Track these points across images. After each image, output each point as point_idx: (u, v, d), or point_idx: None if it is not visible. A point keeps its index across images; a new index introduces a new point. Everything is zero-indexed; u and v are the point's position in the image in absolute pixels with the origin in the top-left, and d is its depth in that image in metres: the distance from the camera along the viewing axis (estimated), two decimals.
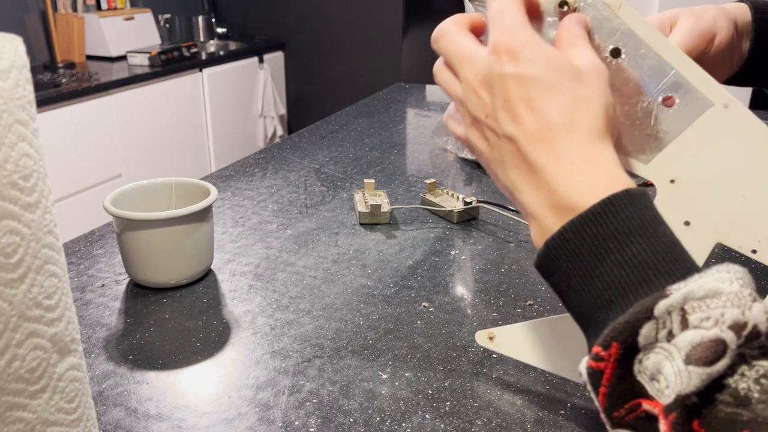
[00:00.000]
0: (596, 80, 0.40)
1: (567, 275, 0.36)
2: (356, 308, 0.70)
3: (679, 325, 0.31)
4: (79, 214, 2.43)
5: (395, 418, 0.53)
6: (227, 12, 3.82)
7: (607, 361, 0.32)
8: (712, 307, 0.30)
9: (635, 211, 0.35)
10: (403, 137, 1.36)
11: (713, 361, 0.29)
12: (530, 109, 0.40)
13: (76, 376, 0.34)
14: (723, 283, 0.31)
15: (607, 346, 0.32)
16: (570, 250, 0.36)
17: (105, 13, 2.98)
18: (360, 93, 3.47)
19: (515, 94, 0.40)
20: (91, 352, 0.63)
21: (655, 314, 0.31)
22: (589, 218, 0.35)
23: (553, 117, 0.39)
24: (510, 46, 0.40)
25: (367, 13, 3.51)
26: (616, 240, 0.34)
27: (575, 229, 0.36)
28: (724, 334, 0.29)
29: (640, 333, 0.31)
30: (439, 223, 0.92)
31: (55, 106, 2.30)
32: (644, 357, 0.31)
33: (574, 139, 0.39)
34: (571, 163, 0.38)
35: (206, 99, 3.09)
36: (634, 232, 0.34)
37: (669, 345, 0.31)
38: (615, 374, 0.32)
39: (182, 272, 0.73)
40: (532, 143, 0.39)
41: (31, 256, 0.30)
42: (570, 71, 0.40)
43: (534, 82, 0.40)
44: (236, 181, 1.08)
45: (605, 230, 0.35)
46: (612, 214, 0.35)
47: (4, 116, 0.28)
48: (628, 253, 0.34)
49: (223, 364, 0.61)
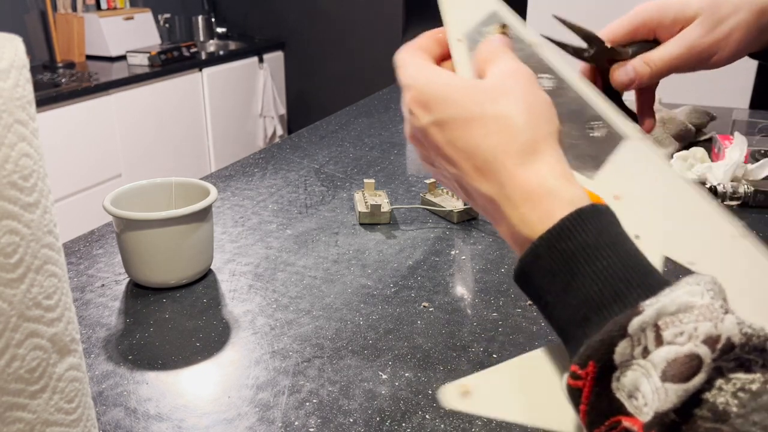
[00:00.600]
0: (513, 88, 0.39)
1: (543, 291, 0.36)
2: (356, 308, 0.70)
3: (654, 342, 0.31)
4: (79, 214, 2.43)
5: (395, 418, 0.53)
6: (227, 12, 3.82)
7: (584, 380, 0.32)
8: (684, 321, 0.30)
9: (603, 225, 0.35)
10: (403, 137, 1.36)
11: (689, 376, 0.29)
12: (457, 149, 0.39)
13: (75, 376, 0.34)
14: (694, 296, 0.31)
15: (583, 364, 0.32)
16: (542, 266, 0.36)
17: (105, 12, 2.98)
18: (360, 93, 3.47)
19: (440, 140, 0.40)
20: (90, 352, 0.63)
21: (629, 332, 0.31)
22: (559, 233, 0.35)
23: (479, 149, 0.38)
24: (417, 98, 0.41)
25: (367, 13, 3.51)
26: (586, 253, 0.34)
27: (546, 245, 0.35)
28: (699, 349, 0.29)
29: (616, 351, 0.31)
30: (439, 223, 0.92)
31: (54, 106, 2.30)
32: (621, 375, 0.31)
33: (508, 164, 0.38)
34: (514, 193, 0.37)
35: (206, 99, 3.09)
36: (603, 245, 0.34)
37: (645, 361, 0.31)
38: (593, 392, 0.32)
39: (182, 272, 0.73)
40: (476, 178, 0.39)
41: (31, 256, 0.30)
42: (482, 94, 0.39)
43: (450, 122, 0.39)
44: (236, 181, 1.08)
45: (575, 244, 0.34)
46: (581, 228, 0.35)
47: (4, 116, 0.28)
48: (599, 266, 0.34)
49: (223, 364, 0.61)
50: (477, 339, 0.64)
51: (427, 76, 0.41)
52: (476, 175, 0.39)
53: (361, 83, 3.60)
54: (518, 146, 0.38)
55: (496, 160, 0.38)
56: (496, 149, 0.38)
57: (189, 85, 2.98)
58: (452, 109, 0.39)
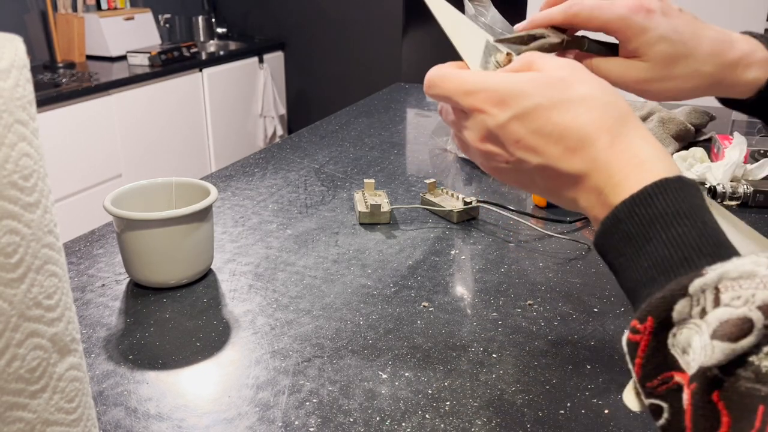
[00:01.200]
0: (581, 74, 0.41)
1: (618, 253, 0.37)
2: (356, 308, 0.70)
3: (712, 303, 0.32)
4: (79, 214, 2.43)
5: (395, 417, 0.53)
6: (227, 12, 3.82)
7: (642, 334, 0.33)
8: (744, 287, 0.31)
9: (684, 196, 0.36)
10: (403, 137, 1.36)
11: (738, 337, 0.30)
12: (543, 136, 0.40)
13: (76, 376, 0.34)
14: (759, 266, 0.32)
15: (643, 319, 0.33)
16: (621, 229, 0.37)
17: (105, 13, 2.98)
18: (360, 93, 3.47)
19: (523, 132, 0.41)
20: (91, 352, 0.63)
21: (689, 291, 0.32)
22: (641, 199, 0.36)
23: (571, 129, 0.40)
24: (491, 97, 0.42)
25: (367, 13, 3.51)
26: (664, 221, 0.35)
27: (626, 210, 0.37)
28: (752, 314, 0.30)
29: (675, 309, 0.32)
30: (439, 223, 0.92)
31: (55, 106, 2.30)
32: (678, 331, 0.32)
33: (602, 140, 0.39)
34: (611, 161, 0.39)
35: (206, 99, 3.09)
36: (682, 214, 0.35)
37: (701, 321, 0.32)
38: (649, 346, 0.33)
39: (182, 272, 0.73)
40: (565, 160, 0.40)
41: (31, 255, 0.30)
42: (556, 82, 0.41)
43: (533, 112, 0.40)
44: (236, 181, 1.08)
45: (654, 211, 0.36)
46: (662, 196, 0.36)
47: (4, 116, 0.28)
48: (674, 233, 0.35)
49: (223, 364, 0.61)
50: (477, 339, 0.64)
51: (490, 76, 0.43)
52: (567, 155, 0.40)
53: (361, 83, 3.60)
54: (611, 122, 0.40)
55: (590, 136, 0.39)
56: (590, 127, 0.40)
57: (189, 85, 2.98)
58: (532, 100, 0.40)
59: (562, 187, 0.42)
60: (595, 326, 0.67)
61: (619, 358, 0.61)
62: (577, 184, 0.41)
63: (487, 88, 0.42)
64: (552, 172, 0.41)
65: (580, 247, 0.84)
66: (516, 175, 0.44)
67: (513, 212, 0.93)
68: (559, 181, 0.41)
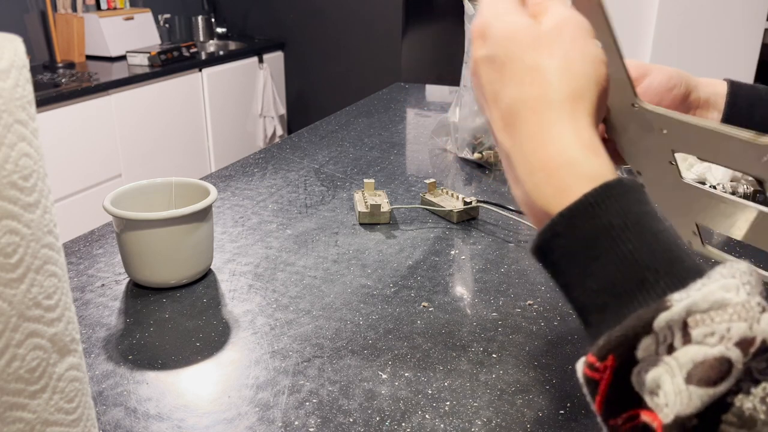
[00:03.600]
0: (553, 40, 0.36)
1: (561, 272, 0.33)
2: (356, 308, 0.70)
3: (681, 340, 0.28)
4: (79, 214, 2.43)
5: (395, 418, 0.53)
6: (227, 12, 3.82)
7: (602, 372, 0.30)
8: (717, 321, 0.28)
9: (630, 204, 0.32)
10: (402, 137, 1.36)
11: (717, 381, 0.27)
12: (494, 92, 0.37)
13: (75, 376, 0.34)
14: (729, 292, 0.28)
15: (603, 357, 0.30)
16: (562, 245, 0.33)
17: (104, 13, 2.98)
18: (360, 93, 3.47)
19: (485, 77, 0.38)
20: (90, 352, 0.63)
21: (654, 329, 0.29)
22: (580, 211, 0.32)
23: (510, 97, 0.36)
24: (480, 27, 0.38)
25: (367, 13, 3.51)
26: (610, 235, 0.31)
27: (566, 223, 0.32)
28: (730, 353, 0.27)
29: (638, 347, 0.29)
30: (439, 223, 0.92)
31: (54, 106, 2.30)
32: (643, 370, 0.29)
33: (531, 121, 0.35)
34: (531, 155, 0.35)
35: (206, 99, 3.09)
36: (630, 227, 0.31)
37: (670, 358, 0.28)
38: (611, 385, 0.30)
39: (182, 272, 0.73)
40: (500, 131, 0.37)
41: (31, 256, 0.30)
42: (526, 39, 0.36)
43: (494, 60, 0.37)
44: (236, 181, 1.08)
45: (597, 224, 0.32)
46: (605, 206, 0.32)
47: (4, 116, 0.28)
48: (623, 250, 0.31)
49: (223, 364, 0.61)
50: (477, 339, 0.64)
51: (498, 8, 0.38)
52: (501, 124, 0.37)
53: (361, 83, 3.60)
54: (546, 103, 0.35)
55: (519, 113, 0.35)
56: (523, 101, 0.35)
57: (189, 85, 2.98)
58: (498, 48, 0.37)
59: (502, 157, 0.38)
60: None
61: None
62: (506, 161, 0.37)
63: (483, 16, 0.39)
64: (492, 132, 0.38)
65: None
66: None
67: (513, 212, 0.93)
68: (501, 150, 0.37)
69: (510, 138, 0.36)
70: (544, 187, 0.34)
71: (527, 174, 0.35)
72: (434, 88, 1.81)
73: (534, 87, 0.35)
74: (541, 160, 0.34)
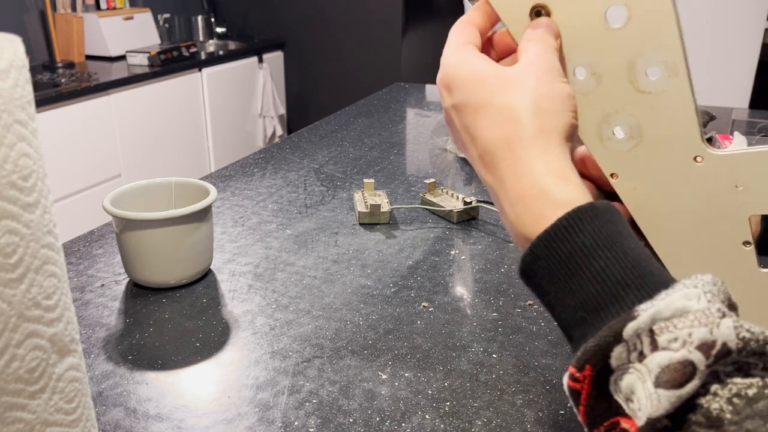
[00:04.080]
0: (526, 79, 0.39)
1: (544, 292, 0.36)
2: (356, 308, 0.70)
3: (649, 346, 0.30)
4: (79, 214, 2.43)
5: (395, 418, 0.53)
6: (227, 12, 3.82)
7: (582, 383, 0.32)
8: (679, 327, 0.30)
9: (602, 225, 0.34)
10: (402, 137, 1.36)
11: (683, 383, 0.29)
12: (470, 136, 0.40)
13: (75, 377, 0.34)
14: (690, 300, 0.30)
15: (580, 368, 0.32)
16: (542, 266, 0.36)
17: (104, 12, 2.98)
18: (360, 93, 3.47)
19: (458, 123, 0.41)
20: (90, 352, 0.63)
21: (624, 337, 0.31)
22: (556, 234, 0.35)
23: (485, 138, 0.39)
24: (443, 79, 0.41)
25: (367, 13, 3.51)
26: (584, 255, 0.34)
27: (544, 245, 0.35)
28: (692, 356, 0.29)
29: (612, 356, 0.31)
30: (439, 223, 0.92)
31: (54, 106, 2.30)
32: (618, 378, 0.31)
33: (508, 158, 0.38)
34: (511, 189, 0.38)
35: (206, 99, 3.09)
36: (601, 246, 0.34)
37: (641, 365, 0.30)
38: (591, 395, 0.32)
39: (182, 272, 0.73)
40: (481, 169, 0.40)
41: (31, 256, 0.30)
42: (497, 83, 0.39)
43: (465, 107, 0.40)
44: (236, 181, 1.08)
45: (572, 245, 0.34)
46: (578, 228, 0.34)
47: (3, 116, 0.28)
48: (596, 267, 0.33)
49: (222, 364, 0.61)
50: (477, 339, 0.64)
51: (458, 58, 0.41)
52: (481, 164, 0.39)
53: (361, 83, 3.60)
54: (518, 140, 0.38)
55: (496, 153, 0.38)
56: (498, 141, 0.38)
57: (189, 85, 2.98)
58: (466, 95, 0.39)
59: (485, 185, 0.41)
60: None
61: None
62: (492, 196, 0.40)
63: (444, 68, 0.41)
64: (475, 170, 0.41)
65: None
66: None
67: None
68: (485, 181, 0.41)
69: (491, 175, 0.39)
70: (523, 216, 0.37)
71: (509, 206, 0.38)
72: (434, 88, 1.81)
73: (506, 126, 0.38)
74: (519, 192, 0.37)
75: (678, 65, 0.39)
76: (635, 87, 0.40)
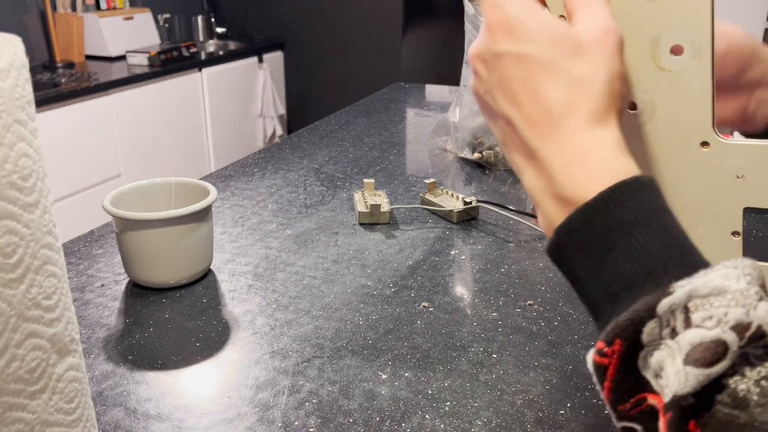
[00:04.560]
0: (597, 52, 0.38)
1: (576, 265, 0.35)
2: (356, 308, 0.70)
3: (683, 324, 0.30)
4: (79, 214, 2.43)
5: (395, 418, 0.53)
6: (227, 12, 3.82)
7: (610, 357, 0.32)
8: (715, 305, 0.29)
9: (644, 200, 0.34)
10: (402, 137, 1.36)
11: (712, 362, 0.29)
12: (527, 90, 0.38)
13: (75, 377, 0.34)
14: (729, 280, 0.30)
15: (610, 342, 0.31)
16: (578, 239, 0.35)
17: (104, 12, 2.98)
18: (360, 93, 3.47)
19: (511, 74, 0.38)
20: (90, 352, 0.63)
21: (657, 313, 0.30)
22: (597, 207, 0.34)
23: (549, 100, 0.37)
24: (504, 21, 0.38)
25: (367, 13, 3.51)
26: (623, 230, 0.33)
27: (583, 218, 0.35)
28: (726, 335, 0.29)
29: (643, 331, 0.31)
30: (439, 223, 0.92)
31: (54, 106, 2.30)
32: (648, 354, 0.31)
33: (571, 124, 0.37)
34: (568, 152, 0.36)
35: (206, 99, 3.09)
36: (642, 222, 0.33)
37: (672, 342, 0.30)
38: (619, 370, 0.31)
39: (182, 272, 0.73)
40: (529, 128, 0.38)
41: (30, 256, 0.30)
42: (568, 46, 0.38)
43: (530, 61, 0.38)
44: (236, 181, 1.08)
45: (612, 219, 0.34)
46: (620, 203, 0.34)
47: (3, 116, 0.28)
48: (635, 244, 0.33)
49: (222, 364, 0.61)
50: (477, 339, 0.64)
51: (525, 4, 0.39)
52: (534, 122, 0.38)
53: (361, 83, 3.60)
54: (588, 112, 0.37)
55: (560, 116, 0.37)
56: (563, 106, 0.37)
57: (189, 85, 2.98)
58: (536, 48, 0.37)
59: (515, 150, 0.39)
60: (595, 326, 0.67)
61: None
62: (529, 159, 0.38)
63: (509, 10, 0.39)
64: (514, 129, 0.39)
65: None
66: (486, 107, 0.41)
67: (513, 212, 0.93)
68: (516, 141, 0.39)
69: (542, 136, 0.37)
70: (579, 177, 0.36)
71: (562, 167, 0.36)
72: (434, 88, 1.81)
73: (577, 94, 0.37)
74: (578, 155, 0.36)
75: (704, 47, 0.38)
76: (656, 63, 0.40)
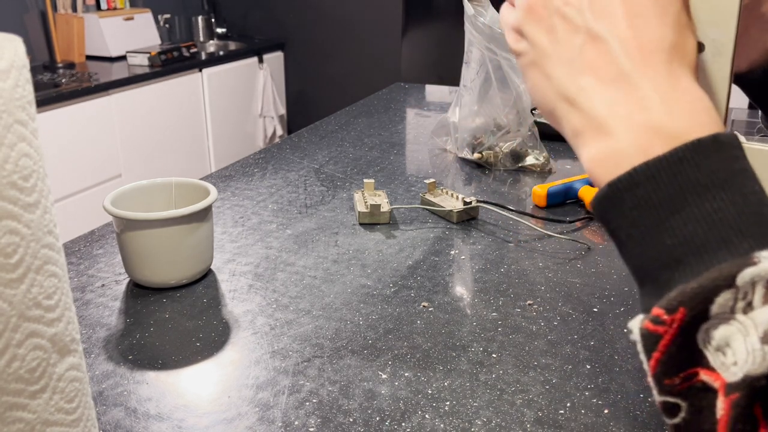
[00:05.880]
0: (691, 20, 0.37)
1: (629, 223, 0.32)
2: (356, 308, 0.70)
3: (762, 298, 0.27)
4: (79, 214, 2.43)
5: (395, 418, 0.53)
6: (227, 12, 3.82)
7: (668, 326, 0.29)
8: None
9: (722, 161, 0.31)
10: (402, 137, 1.36)
11: None
12: (632, 15, 0.35)
13: (75, 376, 0.34)
14: None
15: (672, 310, 0.29)
16: (638, 195, 0.31)
17: (105, 13, 2.98)
18: (360, 93, 3.47)
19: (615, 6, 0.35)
20: (90, 352, 0.63)
21: (737, 283, 0.28)
22: (667, 163, 0.31)
23: (656, 35, 0.35)
24: None
25: (367, 13, 3.51)
26: (696, 192, 0.30)
27: (648, 173, 0.31)
28: None
29: (715, 301, 0.28)
30: (439, 223, 0.92)
31: (54, 106, 2.30)
32: (712, 326, 0.28)
33: (674, 63, 0.34)
34: (671, 87, 0.33)
35: (206, 99, 3.09)
36: (719, 185, 0.30)
37: (745, 318, 0.28)
38: (674, 341, 0.29)
39: (182, 272, 0.73)
40: (627, 50, 0.34)
41: (31, 256, 0.30)
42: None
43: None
44: (236, 181, 1.08)
45: (684, 179, 0.30)
46: (695, 162, 0.31)
47: (4, 116, 0.28)
48: (708, 208, 0.30)
49: (223, 364, 0.61)
50: (476, 339, 0.64)
51: None
52: (635, 46, 0.34)
53: (361, 83, 3.60)
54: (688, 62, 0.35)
55: (668, 52, 0.34)
56: (671, 45, 0.35)
57: (189, 85, 2.98)
58: None
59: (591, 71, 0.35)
60: (594, 326, 0.67)
61: (619, 358, 0.61)
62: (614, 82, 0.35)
63: None
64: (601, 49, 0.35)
65: (580, 247, 0.84)
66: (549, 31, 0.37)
67: (513, 212, 0.93)
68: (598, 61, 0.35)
69: (643, 62, 0.34)
70: (678, 111, 0.33)
71: (664, 101, 0.33)
72: (434, 88, 1.81)
73: (685, 41, 0.35)
74: (687, 95, 0.34)
75: (726, 46, 0.38)
76: None
